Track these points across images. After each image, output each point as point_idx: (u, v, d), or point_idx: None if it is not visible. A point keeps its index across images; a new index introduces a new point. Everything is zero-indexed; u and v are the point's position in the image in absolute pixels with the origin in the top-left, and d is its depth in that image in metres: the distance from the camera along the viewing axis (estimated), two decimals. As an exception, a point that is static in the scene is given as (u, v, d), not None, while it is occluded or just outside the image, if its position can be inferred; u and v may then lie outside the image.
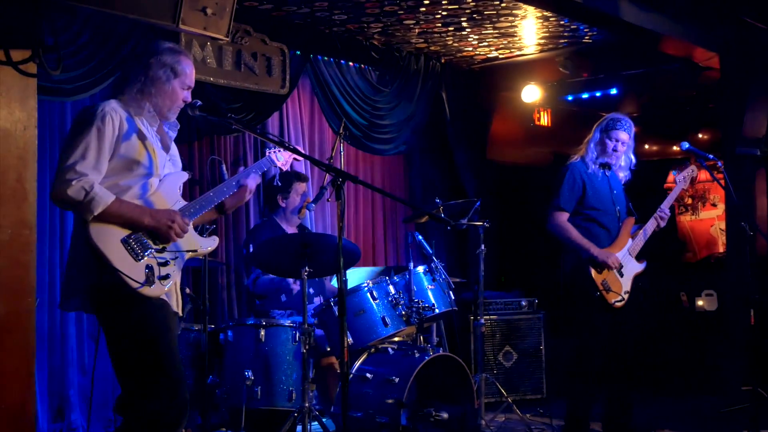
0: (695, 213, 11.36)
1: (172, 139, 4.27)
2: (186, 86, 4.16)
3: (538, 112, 9.63)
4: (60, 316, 6.47)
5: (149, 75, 4.07)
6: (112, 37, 6.30)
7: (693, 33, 7.98)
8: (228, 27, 4.34)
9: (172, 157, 4.27)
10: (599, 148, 6.22)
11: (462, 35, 8.23)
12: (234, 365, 5.80)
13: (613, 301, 6.03)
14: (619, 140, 6.21)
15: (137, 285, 3.81)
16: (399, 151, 8.91)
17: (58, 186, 3.83)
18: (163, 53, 4.10)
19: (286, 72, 7.66)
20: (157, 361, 3.89)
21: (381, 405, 5.67)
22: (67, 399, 6.50)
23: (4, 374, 4.03)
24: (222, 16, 4.23)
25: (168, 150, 4.22)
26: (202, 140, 7.40)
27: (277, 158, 5.04)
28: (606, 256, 6.01)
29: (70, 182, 3.78)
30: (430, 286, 6.19)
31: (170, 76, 4.09)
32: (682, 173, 6.41)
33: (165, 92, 4.10)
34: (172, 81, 4.10)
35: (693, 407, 7.80)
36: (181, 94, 4.15)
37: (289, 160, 5.22)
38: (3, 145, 4.05)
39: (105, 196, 3.81)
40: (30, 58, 4.01)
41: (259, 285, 6.58)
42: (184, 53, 4.20)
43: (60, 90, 6.07)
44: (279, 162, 5.07)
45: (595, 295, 5.99)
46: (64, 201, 3.83)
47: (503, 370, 7.99)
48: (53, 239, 6.41)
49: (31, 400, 4.13)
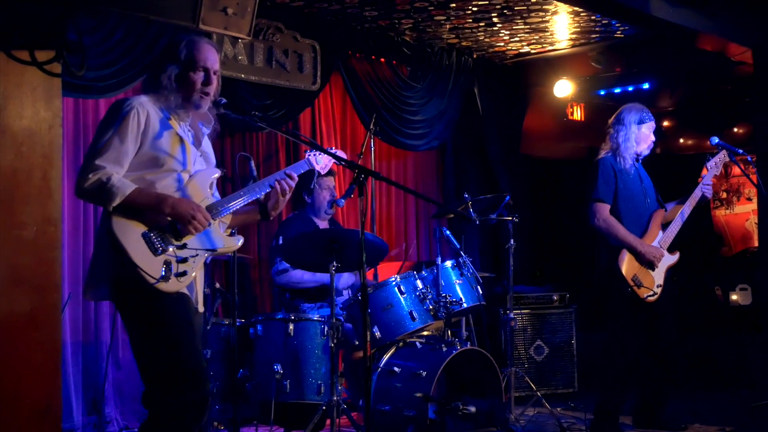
0: (730, 207, 11.27)
1: (205, 135, 4.24)
2: (200, 68, 4.08)
3: (571, 107, 9.61)
4: (95, 310, 6.58)
5: (165, 68, 4.07)
6: (144, 37, 6.38)
7: (725, 28, 7.92)
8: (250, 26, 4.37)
9: (205, 153, 4.25)
10: (640, 140, 6.25)
11: (493, 31, 8.24)
12: (263, 359, 5.88)
13: (645, 296, 6.04)
14: (653, 130, 6.26)
15: (153, 280, 3.83)
16: (431, 146, 8.93)
17: (78, 180, 3.88)
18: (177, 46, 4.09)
19: (317, 68, 7.72)
20: (177, 356, 3.89)
21: (409, 398, 5.72)
22: (102, 392, 6.59)
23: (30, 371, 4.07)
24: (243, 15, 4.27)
25: (200, 145, 4.21)
26: (234, 137, 7.48)
27: (316, 161, 4.74)
28: (652, 255, 6.04)
29: (88, 176, 3.83)
30: (458, 281, 6.23)
31: (180, 64, 4.06)
32: (713, 159, 6.41)
33: (180, 81, 4.06)
34: (182, 68, 4.06)
35: (724, 401, 7.76)
36: (196, 77, 4.08)
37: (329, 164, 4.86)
38: (28, 144, 4.11)
39: (123, 187, 3.82)
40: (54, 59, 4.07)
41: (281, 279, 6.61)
42: (197, 39, 4.13)
43: (92, 88, 6.17)
44: (318, 165, 4.77)
45: (627, 290, 6.00)
46: (84, 194, 3.88)
47: (534, 364, 8.00)
48: (87, 235, 6.52)
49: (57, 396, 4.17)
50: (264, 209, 4.33)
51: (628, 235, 6.08)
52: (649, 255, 6.05)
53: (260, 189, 4.27)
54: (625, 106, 6.35)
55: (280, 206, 4.33)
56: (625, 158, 6.23)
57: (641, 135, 6.24)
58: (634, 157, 6.28)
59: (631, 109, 6.30)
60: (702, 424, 6.76)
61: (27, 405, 4.06)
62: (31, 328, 4.05)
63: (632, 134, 6.23)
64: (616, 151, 6.26)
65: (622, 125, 6.25)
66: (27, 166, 4.10)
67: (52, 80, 4.10)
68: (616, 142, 6.27)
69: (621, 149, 6.23)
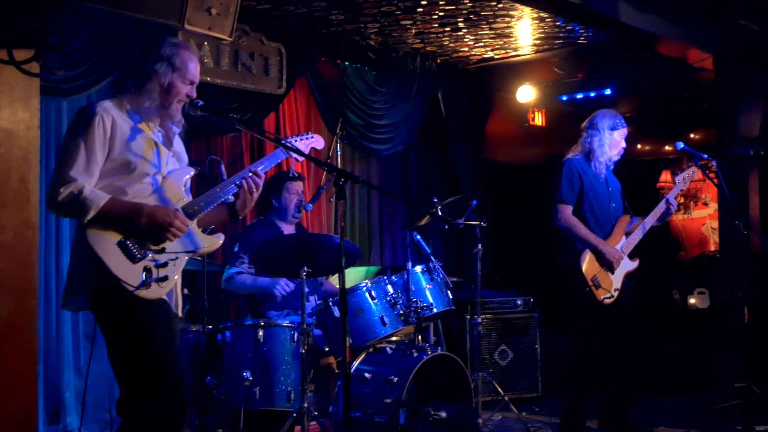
0: (687, 212, 11.39)
1: (176, 134, 4.18)
2: (188, 81, 4.06)
3: (532, 112, 9.64)
4: (56, 318, 6.45)
5: (146, 69, 3.99)
6: (110, 36, 6.26)
7: (688, 34, 8.00)
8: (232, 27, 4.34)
9: (177, 153, 4.20)
10: (614, 146, 6.28)
11: (458, 36, 8.24)
12: (232, 366, 5.79)
13: (602, 297, 6.07)
14: (625, 137, 6.30)
15: (132, 288, 3.78)
16: (396, 150, 8.93)
17: (50, 194, 3.82)
18: (162, 47, 4.02)
19: (283, 72, 7.67)
20: (157, 363, 3.85)
21: (380, 404, 5.68)
22: (63, 401, 6.47)
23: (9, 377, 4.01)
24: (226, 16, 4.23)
25: (171, 145, 4.15)
26: (199, 140, 7.39)
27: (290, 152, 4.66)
28: (613, 257, 6.06)
29: (59, 189, 3.76)
30: (428, 286, 6.21)
31: (168, 70, 4.00)
32: (681, 174, 6.45)
33: (162, 86, 4.00)
34: (170, 74, 4.00)
35: (687, 404, 7.83)
36: (183, 88, 4.05)
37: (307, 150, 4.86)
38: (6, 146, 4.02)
39: (96, 199, 3.76)
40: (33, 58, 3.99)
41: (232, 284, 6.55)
42: (185, 47, 4.11)
43: (56, 89, 6.03)
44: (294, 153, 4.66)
45: (585, 290, 6.03)
46: (57, 208, 3.81)
47: (499, 368, 8.02)
48: (48, 241, 6.39)
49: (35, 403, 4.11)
50: (233, 208, 4.28)
51: (590, 234, 6.11)
52: (609, 255, 6.08)
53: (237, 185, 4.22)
54: (598, 112, 6.38)
55: (249, 205, 4.28)
56: (600, 163, 6.26)
57: (613, 141, 6.28)
58: (606, 162, 6.31)
59: (605, 114, 6.33)
60: (667, 427, 6.82)
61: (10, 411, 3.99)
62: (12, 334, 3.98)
63: (606, 140, 6.26)
64: (588, 155, 6.29)
65: (596, 130, 6.28)
66: (5, 168, 4.03)
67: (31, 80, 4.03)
68: (589, 146, 6.29)
69: (595, 154, 6.26)
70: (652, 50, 8.29)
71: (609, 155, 6.29)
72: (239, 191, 4.24)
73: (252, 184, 4.22)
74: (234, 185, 4.22)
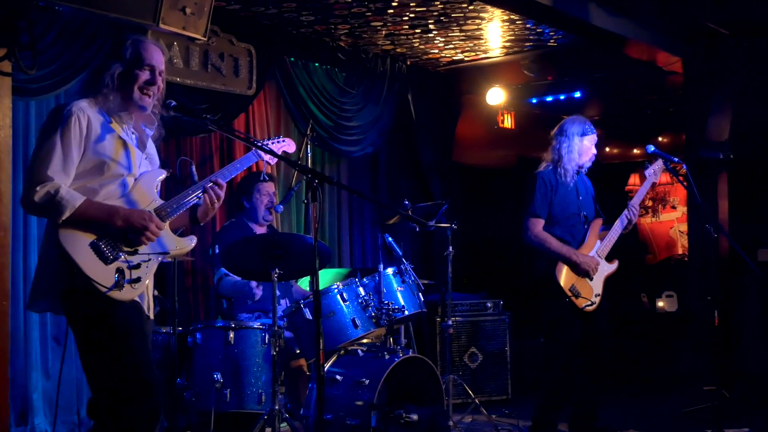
0: (655, 215, 11.47)
1: (149, 137, 4.16)
2: (145, 67, 4.00)
3: (502, 115, 9.66)
4: (23, 319, 6.37)
5: (110, 68, 3.97)
6: (79, 36, 6.19)
7: (657, 37, 8.05)
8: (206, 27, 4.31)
9: (149, 155, 4.17)
10: (580, 153, 6.25)
11: (428, 38, 8.24)
12: (203, 368, 5.75)
13: (584, 306, 6.06)
14: (594, 143, 6.28)
15: (105, 289, 3.75)
16: (365, 152, 8.91)
17: (25, 193, 3.78)
18: (124, 46, 3.99)
19: (253, 73, 7.63)
20: (129, 365, 3.82)
21: (351, 407, 5.65)
22: (31, 403, 6.39)
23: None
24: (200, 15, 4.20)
25: (144, 148, 4.12)
26: (168, 141, 7.34)
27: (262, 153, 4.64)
28: (588, 265, 6.05)
29: (35, 188, 3.72)
30: (400, 288, 6.20)
31: (124, 62, 3.97)
32: (651, 167, 6.42)
33: (123, 80, 3.97)
34: (126, 66, 3.97)
35: (656, 407, 7.87)
36: (141, 75, 3.99)
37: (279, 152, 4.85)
38: (-24, 146, 3.98)
39: (72, 199, 3.73)
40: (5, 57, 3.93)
41: (223, 286, 6.52)
42: (142, 39, 4.06)
43: (24, 90, 5.93)
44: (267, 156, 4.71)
45: (565, 300, 6.02)
46: (33, 207, 3.77)
47: (469, 371, 8.01)
48: (15, 242, 6.29)
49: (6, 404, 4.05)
50: (194, 215, 4.26)
51: (562, 247, 6.09)
52: (584, 265, 6.06)
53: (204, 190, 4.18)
54: (567, 118, 6.35)
55: (210, 214, 4.26)
56: (567, 170, 6.23)
57: (583, 147, 6.24)
58: (576, 169, 6.29)
59: (574, 121, 6.30)
60: (636, 430, 6.83)
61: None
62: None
63: (575, 146, 6.22)
64: (557, 163, 6.25)
65: (565, 137, 6.25)
66: (-24, 168, 3.96)
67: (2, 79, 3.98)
68: (558, 153, 6.26)
69: (563, 161, 6.23)
70: (621, 53, 8.33)
71: (578, 162, 6.25)
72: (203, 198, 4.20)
73: (213, 195, 4.18)
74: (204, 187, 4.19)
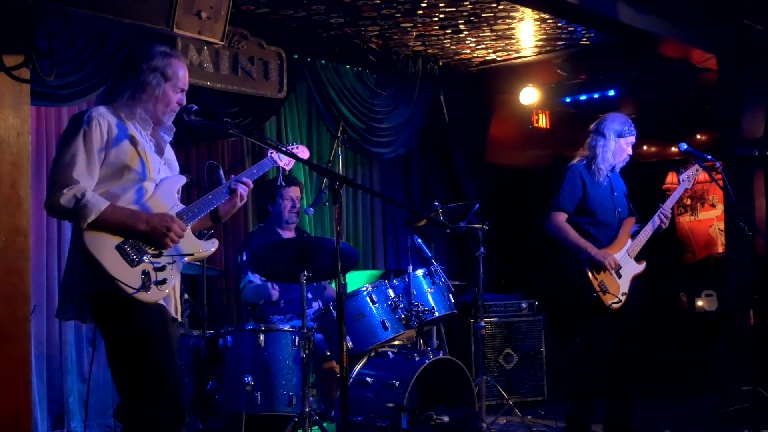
0: (694, 213, 11.36)
1: (167, 143, 4.22)
2: (179, 89, 4.12)
3: (536, 115, 9.60)
4: (59, 322, 6.44)
5: (140, 80, 4.03)
6: (108, 42, 6.27)
7: (690, 35, 7.97)
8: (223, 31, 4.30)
9: (168, 161, 4.23)
10: (618, 153, 6.19)
11: (459, 38, 8.22)
12: (234, 371, 5.78)
13: (610, 302, 6.01)
14: (632, 145, 6.21)
15: (132, 291, 3.79)
16: (397, 154, 8.90)
17: (50, 196, 3.83)
18: (154, 57, 4.06)
19: (283, 76, 7.65)
20: (154, 368, 3.87)
21: (381, 409, 5.65)
22: (67, 406, 6.47)
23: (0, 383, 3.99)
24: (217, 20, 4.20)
25: (162, 154, 4.18)
26: (199, 145, 7.39)
27: (279, 158, 4.78)
28: (603, 257, 5.99)
29: (62, 191, 3.77)
30: (430, 290, 6.17)
31: (161, 81, 4.05)
32: (686, 173, 6.36)
33: (156, 97, 4.05)
34: (163, 85, 4.05)
35: (693, 408, 7.79)
36: (174, 97, 4.10)
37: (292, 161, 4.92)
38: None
39: (98, 203, 3.79)
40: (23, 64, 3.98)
41: (245, 294, 6.56)
42: (176, 56, 4.15)
43: (55, 96, 6.03)
44: (282, 162, 4.81)
45: (592, 296, 5.98)
46: (57, 211, 3.82)
47: (504, 372, 7.98)
48: (51, 246, 6.40)
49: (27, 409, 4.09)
50: (215, 213, 4.31)
51: (580, 239, 6.05)
52: (599, 257, 6.00)
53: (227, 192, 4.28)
54: (608, 116, 6.25)
55: (232, 211, 4.36)
56: (600, 169, 6.17)
57: (619, 148, 6.17)
58: (609, 168, 6.23)
59: (615, 119, 6.21)
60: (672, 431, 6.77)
61: (0, 418, 3.97)
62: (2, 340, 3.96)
63: (610, 146, 6.16)
64: (591, 160, 6.21)
65: (602, 136, 6.18)
66: (-4, 174, 4.01)
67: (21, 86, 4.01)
68: (593, 151, 6.20)
69: (598, 160, 6.17)
70: (654, 51, 8.26)
71: (612, 162, 6.20)
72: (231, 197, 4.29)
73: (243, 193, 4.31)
74: (225, 192, 4.28)
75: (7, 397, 4.00)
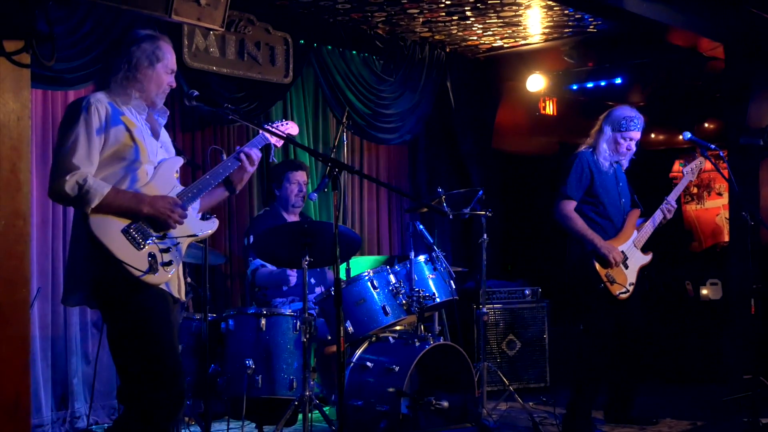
0: (701, 202, 11.33)
1: (162, 126, 4.28)
2: (169, 70, 4.17)
3: (543, 102, 9.60)
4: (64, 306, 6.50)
5: (132, 63, 4.09)
6: (114, 28, 6.31)
7: (698, 23, 7.93)
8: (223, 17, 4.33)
9: (164, 143, 4.28)
10: (612, 147, 6.19)
11: (466, 24, 8.22)
12: (235, 354, 5.80)
13: (618, 293, 6.04)
14: (633, 140, 6.20)
15: (140, 273, 3.84)
16: (403, 140, 8.92)
17: (53, 183, 3.87)
18: (143, 41, 4.12)
19: (289, 61, 7.68)
20: (155, 352, 3.92)
21: (381, 393, 5.69)
22: (71, 387, 6.52)
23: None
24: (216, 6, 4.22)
25: (158, 137, 4.23)
26: (204, 130, 7.42)
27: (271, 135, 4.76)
28: (608, 251, 6.00)
29: (64, 178, 3.82)
30: (431, 276, 6.19)
31: (153, 61, 4.10)
32: (689, 165, 6.38)
33: (150, 78, 4.11)
34: (155, 65, 4.11)
35: (695, 396, 7.80)
36: (166, 78, 4.17)
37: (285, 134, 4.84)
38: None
39: (100, 188, 3.84)
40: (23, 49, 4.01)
41: (259, 277, 6.59)
42: (163, 39, 4.21)
43: (61, 80, 6.09)
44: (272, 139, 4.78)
45: (599, 287, 5.99)
46: (62, 197, 3.87)
47: (507, 358, 8.00)
48: (56, 229, 6.45)
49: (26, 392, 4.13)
50: (229, 183, 4.40)
51: (587, 230, 6.06)
52: (604, 250, 6.01)
53: (224, 170, 4.33)
54: (616, 108, 6.29)
55: (245, 179, 4.45)
56: (606, 159, 6.19)
57: (614, 142, 6.17)
58: (612, 160, 6.23)
59: (617, 113, 6.24)
60: (673, 419, 6.78)
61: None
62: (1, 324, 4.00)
63: (605, 138, 6.19)
64: (594, 149, 6.23)
65: (601, 127, 6.21)
66: (-4, 158, 4.04)
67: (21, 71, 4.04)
68: (596, 141, 6.24)
69: (597, 149, 6.21)
70: (661, 39, 8.23)
71: (609, 154, 6.19)
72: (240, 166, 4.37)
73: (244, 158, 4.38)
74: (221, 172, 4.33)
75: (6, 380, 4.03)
